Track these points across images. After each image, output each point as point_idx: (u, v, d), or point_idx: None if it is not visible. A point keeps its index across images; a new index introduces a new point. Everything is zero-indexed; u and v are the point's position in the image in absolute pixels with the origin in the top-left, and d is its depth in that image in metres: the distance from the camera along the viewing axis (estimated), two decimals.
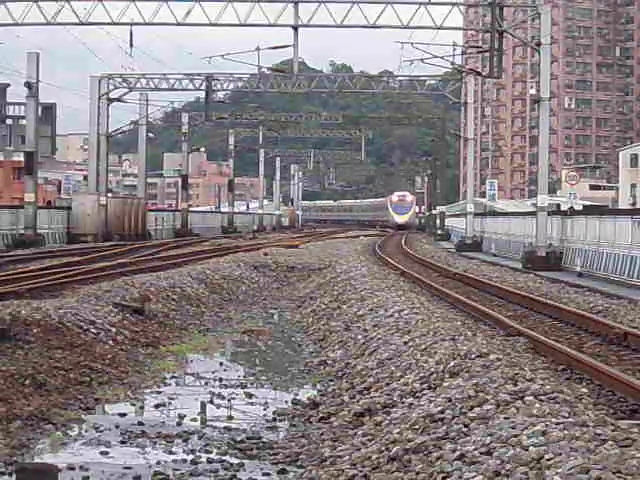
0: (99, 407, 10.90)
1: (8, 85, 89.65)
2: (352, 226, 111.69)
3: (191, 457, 8.75)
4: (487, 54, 37.37)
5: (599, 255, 28.83)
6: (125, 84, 55.62)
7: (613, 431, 7.24)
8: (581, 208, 45.05)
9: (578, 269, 30.33)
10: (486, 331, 14.87)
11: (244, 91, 72.14)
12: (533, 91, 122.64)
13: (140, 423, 10.07)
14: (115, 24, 37.99)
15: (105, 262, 29.27)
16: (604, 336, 14.82)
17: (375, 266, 31.31)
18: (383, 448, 8.08)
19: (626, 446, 6.76)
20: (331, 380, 12.75)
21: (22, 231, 43.23)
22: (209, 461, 8.61)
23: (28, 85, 44.52)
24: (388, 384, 10.91)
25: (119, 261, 29.57)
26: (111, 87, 54.79)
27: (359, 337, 15.03)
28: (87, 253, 34.61)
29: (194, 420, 10.40)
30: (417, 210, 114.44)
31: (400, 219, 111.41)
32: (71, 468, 8.17)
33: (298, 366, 14.35)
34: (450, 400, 8.86)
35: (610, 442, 6.83)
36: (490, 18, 35.89)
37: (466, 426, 7.96)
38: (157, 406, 11.11)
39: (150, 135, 71.32)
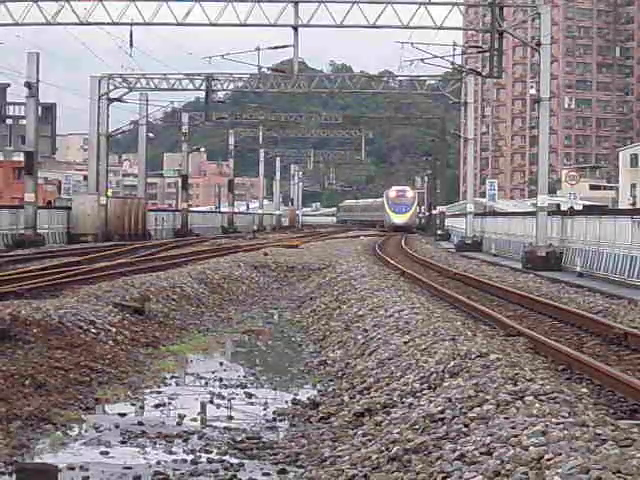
0: (99, 407, 10.90)
1: (8, 85, 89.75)
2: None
3: (191, 457, 8.75)
4: (487, 54, 37.39)
5: (599, 255, 28.83)
6: (125, 84, 55.63)
7: (613, 431, 7.24)
8: (581, 208, 45.06)
9: (578, 269, 30.32)
10: (486, 331, 14.86)
11: (244, 91, 72.13)
12: (533, 91, 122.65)
13: (140, 423, 10.07)
14: (115, 24, 38.00)
15: (105, 262, 29.27)
16: (604, 336, 14.81)
17: (375, 266, 31.30)
18: (383, 448, 8.08)
19: (626, 446, 6.76)
20: (331, 380, 12.75)
21: (22, 231, 43.23)
22: (209, 461, 8.61)
23: (28, 85, 44.54)
24: (388, 384, 10.91)
25: (119, 261, 29.57)
26: (111, 87, 54.82)
27: (359, 337, 15.03)
28: (87, 253, 34.61)
29: (194, 420, 10.40)
30: (418, 209, 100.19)
31: (398, 219, 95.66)
32: (71, 468, 8.17)
33: (298, 366, 14.35)
34: (450, 400, 8.86)
35: (610, 442, 6.83)
36: (490, 18, 35.90)
37: (466, 426, 7.97)
38: (157, 406, 11.11)
39: (150, 135, 71.34)
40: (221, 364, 14.37)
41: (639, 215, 26.41)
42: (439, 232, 70.17)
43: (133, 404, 11.18)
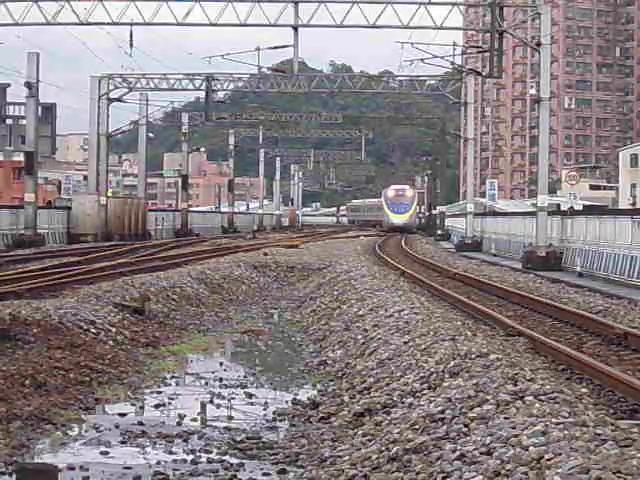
0: (99, 407, 10.89)
1: (8, 85, 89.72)
2: None
3: (191, 457, 8.75)
4: (487, 54, 37.40)
5: (599, 255, 28.83)
6: (125, 84, 55.63)
7: (613, 431, 7.24)
8: (581, 208, 45.04)
9: (578, 269, 30.32)
10: (486, 331, 14.86)
11: (244, 91, 72.21)
12: (533, 91, 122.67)
13: (140, 423, 10.07)
14: (115, 24, 38.00)
15: (105, 262, 29.26)
16: (604, 336, 14.82)
17: (375, 266, 31.30)
18: (383, 448, 8.08)
19: (626, 446, 6.76)
20: (331, 380, 12.75)
21: (22, 231, 43.24)
22: (209, 461, 8.61)
23: (28, 85, 44.54)
24: (388, 384, 10.91)
25: (119, 261, 29.56)
26: (111, 87, 54.82)
27: (359, 337, 15.03)
28: (87, 253, 34.61)
29: (194, 420, 10.40)
30: (418, 209, 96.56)
31: (397, 219, 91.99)
32: (71, 468, 8.17)
33: (298, 366, 14.35)
34: (450, 400, 8.86)
35: (610, 442, 6.82)
36: (490, 18, 35.91)
37: (466, 426, 7.96)
38: (157, 406, 11.11)
39: (150, 135, 71.35)
40: (221, 364, 14.37)
41: (639, 215, 26.41)
42: (439, 232, 70.18)
43: (133, 404, 11.18)
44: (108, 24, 38.06)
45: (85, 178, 66.70)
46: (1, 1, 36.59)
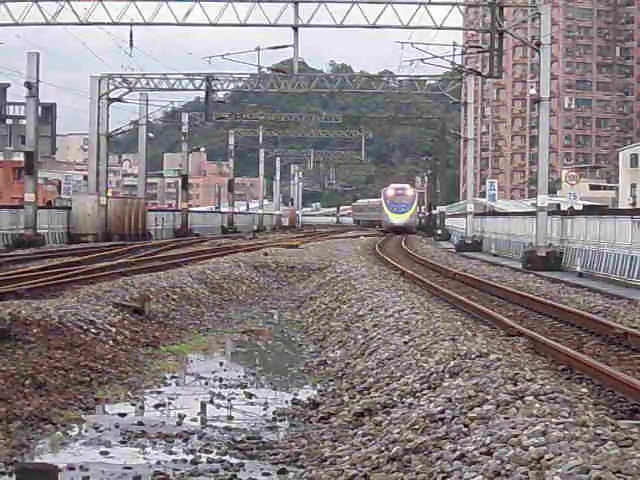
0: (99, 407, 10.89)
1: (8, 85, 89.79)
2: None
3: (191, 457, 8.75)
4: (487, 54, 37.41)
5: (599, 255, 28.83)
6: (125, 84, 55.65)
7: (613, 431, 7.24)
8: (581, 208, 45.05)
9: (578, 269, 30.32)
10: (486, 331, 14.86)
11: (244, 91, 72.20)
12: (533, 91, 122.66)
13: (140, 423, 10.06)
14: (115, 24, 38.04)
15: (105, 262, 29.26)
16: (604, 336, 14.82)
17: (375, 266, 31.30)
18: (383, 448, 8.08)
19: (626, 446, 6.76)
20: (331, 380, 12.74)
21: (22, 231, 43.25)
22: (209, 461, 8.61)
23: (28, 85, 44.55)
24: (388, 384, 10.91)
25: (119, 261, 29.57)
26: (111, 87, 54.85)
27: (359, 337, 15.03)
28: (87, 253, 34.61)
29: (194, 420, 10.40)
30: (418, 209, 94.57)
31: (397, 219, 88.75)
32: (71, 468, 8.16)
33: (298, 366, 14.35)
34: (450, 400, 8.86)
35: (610, 442, 6.82)
36: (490, 18, 35.92)
37: (466, 426, 7.96)
38: (157, 406, 11.11)
39: (150, 135, 71.36)
40: (221, 364, 14.36)
41: (639, 215, 26.41)
42: (439, 232, 70.18)
43: (133, 404, 11.18)
44: (108, 24, 38.10)
45: (85, 178, 66.72)
46: (1, 1, 36.59)
